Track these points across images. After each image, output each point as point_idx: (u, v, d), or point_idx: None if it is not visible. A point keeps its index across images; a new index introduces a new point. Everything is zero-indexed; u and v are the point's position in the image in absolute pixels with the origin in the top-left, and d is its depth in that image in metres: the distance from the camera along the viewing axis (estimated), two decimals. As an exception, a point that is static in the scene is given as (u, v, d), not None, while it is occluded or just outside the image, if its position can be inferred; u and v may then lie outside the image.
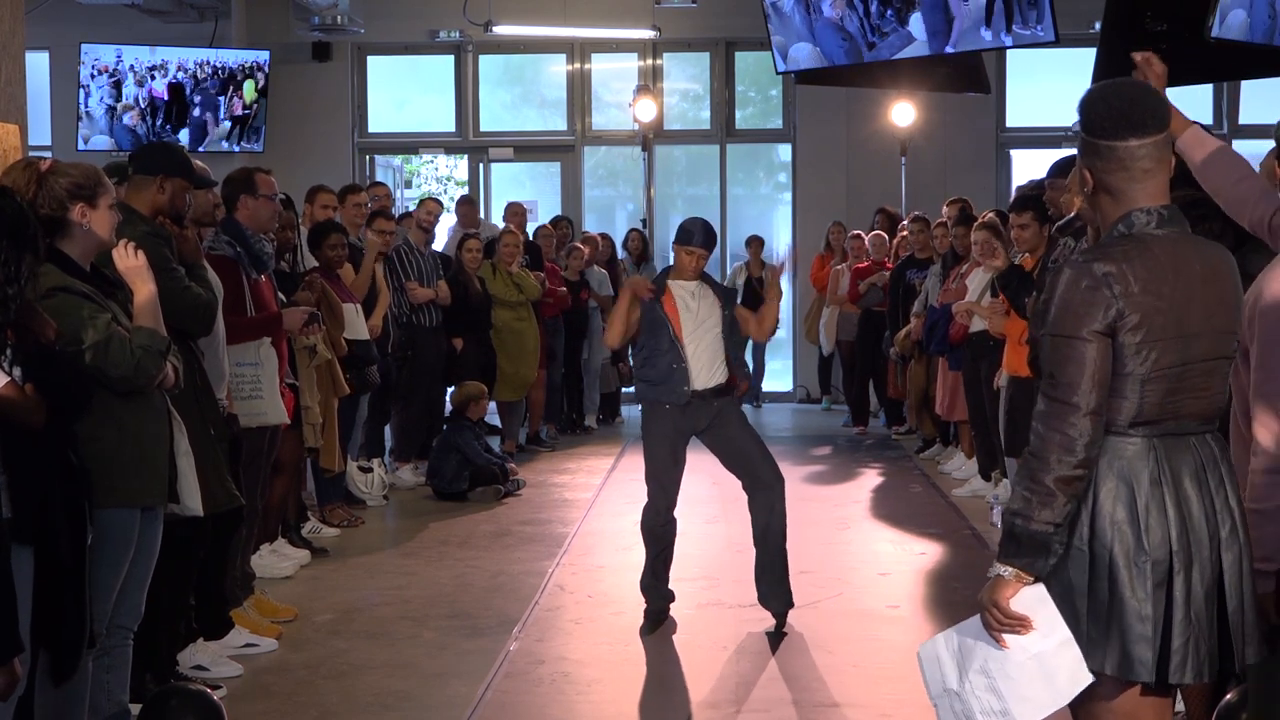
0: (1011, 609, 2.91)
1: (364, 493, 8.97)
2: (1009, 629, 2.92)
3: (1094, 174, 3.03)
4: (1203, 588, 2.93)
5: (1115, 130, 2.98)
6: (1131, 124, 2.97)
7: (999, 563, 2.93)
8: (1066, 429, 2.87)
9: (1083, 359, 2.88)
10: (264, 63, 14.11)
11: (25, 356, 3.57)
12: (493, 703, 5.29)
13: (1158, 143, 2.98)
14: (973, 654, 2.99)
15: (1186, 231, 3.06)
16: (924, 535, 8.21)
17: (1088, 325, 2.88)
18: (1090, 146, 3.02)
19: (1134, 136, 2.96)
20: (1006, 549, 2.92)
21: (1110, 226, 3.01)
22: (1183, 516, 2.93)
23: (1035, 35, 8.95)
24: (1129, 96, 3.02)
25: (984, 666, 2.97)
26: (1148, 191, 2.99)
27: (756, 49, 13.92)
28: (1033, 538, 2.89)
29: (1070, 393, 2.87)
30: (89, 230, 4.12)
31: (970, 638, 3.00)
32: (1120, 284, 2.88)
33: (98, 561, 4.01)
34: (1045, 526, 2.88)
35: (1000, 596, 2.92)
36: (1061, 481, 2.87)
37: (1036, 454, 2.89)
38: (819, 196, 14.73)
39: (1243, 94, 14.56)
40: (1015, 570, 2.91)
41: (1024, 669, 2.93)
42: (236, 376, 5.96)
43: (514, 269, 10.82)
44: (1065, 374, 2.89)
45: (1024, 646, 2.92)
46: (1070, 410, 2.87)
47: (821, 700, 5.34)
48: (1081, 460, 2.87)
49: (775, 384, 14.92)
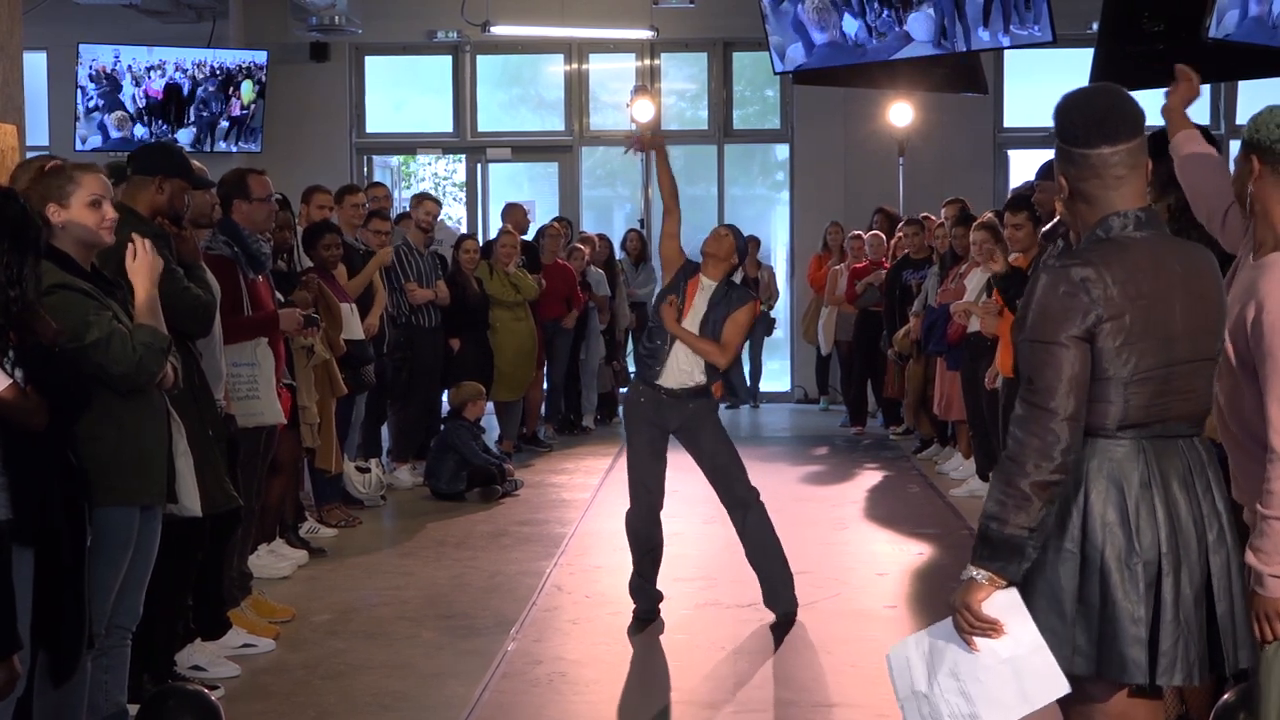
0: (984, 612, 2.91)
1: (361, 493, 8.96)
2: (980, 632, 2.92)
3: (1069, 181, 3.03)
4: (1191, 590, 2.93)
5: (1088, 138, 2.98)
6: (1104, 132, 2.97)
7: (972, 565, 2.93)
8: (1043, 434, 2.86)
9: (1060, 364, 2.87)
10: (262, 63, 14.10)
11: (26, 357, 3.56)
12: (490, 703, 5.29)
13: (1131, 149, 2.98)
14: (943, 656, 2.98)
15: (1165, 233, 3.06)
16: (922, 535, 8.21)
17: (1065, 330, 2.88)
18: (1065, 154, 3.02)
19: (1107, 144, 2.96)
20: (980, 552, 2.92)
21: (1088, 231, 3.01)
22: (1172, 519, 2.93)
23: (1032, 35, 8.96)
24: (1102, 104, 3.02)
25: (954, 669, 2.96)
26: (1123, 197, 2.99)
27: (754, 49, 13.92)
28: (1007, 542, 2.88)
29: (1048, 398, 2.87)
30: (70, 223, 4.10)
31: (941, 640, 2.99)
32: (1098, 288, 2.88)
33: (97, 561, 4.01)
34: (1020, 531, 2.87)
35: (972, 599, 2.91)
36: (1038, 486, 2.86)
37: (1013, 458, 2.89)
38: (817, 197, 14.73)
39: (1240, 94, 14.57)
40: (988, 574, 2.90)
41: (994, 673, 2.92)
42: (233, 377, 5.96)
43: (510, 269, 10.83)
44: (1043, 379, 2.88)
45: (995, 650, 2.91)
46: (1047, 415, 2.86)
47: (819, 700, 5.34)
48: (1058, 465, 2.86)
49: (773, 384, 14.92)
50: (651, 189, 15.04)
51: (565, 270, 11.81)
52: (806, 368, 14.48)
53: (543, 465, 10.78)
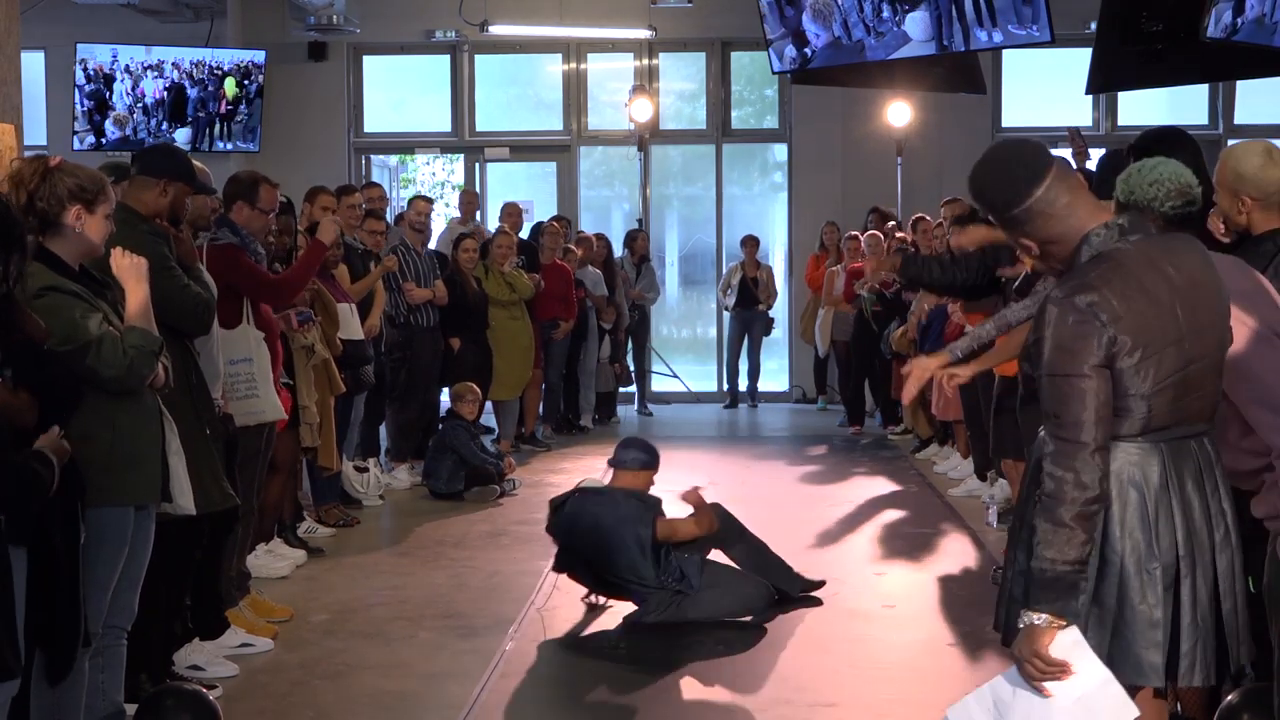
0: (1052, 656, 2.88)
1: (360, 493, 8.96)
2: (1051, 677, 2.89)
3: (1032, 238, 3.01)
4: (1205, 591, 2.94)
5: (1018, 192, 2.98)
6: (1026, 178, 2.97)
7: (1029, 611, 2.90)
8: (1079, 466, 2.86)
9: (1084, 395, 2.87)
10: (259, 62, 14.10)
11: (14, 357, 3.55)
12: (488, 703, 5.29)
13: (1056, 175, 2.98)
14: (1011, 709, 2.94)
15: (1149, 234, 3.05)
16: (920, 535, 8.21)
17: (1085, 361, 2.87)
18: (1014, 220, 3.01)
19: (1036, 185, 2.96)
20: (1036, 596, 2.89)
21: (1073, 257, 3.00)
22: (1188, 520, 2.93)
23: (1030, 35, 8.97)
24: (1004, 160, 3.03)
25: (1027, 718, 2.92)
26: (1081, 217, 2.99)
27: (752, 49, 13.93)
28: (1060, 580, 2.86)
29: (1078, 431, 2.86)
30: (81, 234, 4.11)
31: (1006, 693, 2.95)
32: (1106, 311, 2.88)
33: (92, 561, 4.00)
34: (1070, 567, 2.86)
35: (1039, 645, 2.88)
36: (1080, 519, 2.86)
37: (1053, 496, 2.88)
38: (815, 196, 14.73)
39: (1238, 93, 14.57)
40: (1048, 616, 2.88)
41: (1069, 714, 2.88)
42: (231, 376, 5.96)
43: (506, 269, 10.83)
44: (1069, 413, 2.87)
45: (1067, 692, 2.88)
46: (1080, 449, 2.86)
47: (817, 699, 5.34)
48: (1096, 495, 2.87)
49: (771, 384, 14.91)
50: (650, 189, 15.04)
51: (563, 270, 11.81)
52: (804, 368, 14.47)
53: (541, 465, 10.78)
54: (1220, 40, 8.26)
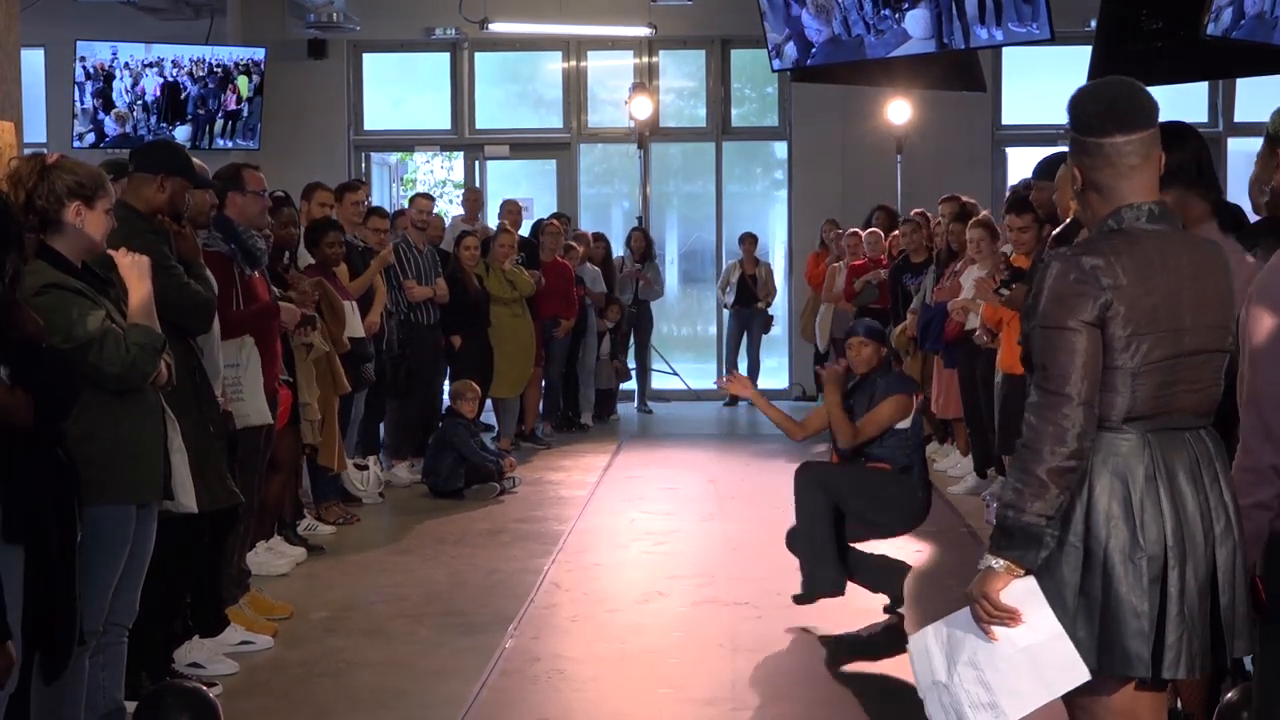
0: (1002, 601, 2.92)
1: (360, 490, 8.96)
2: (999, 621, 2.93)
3: (1083, 171, 3.05)
4: (1196, 583, 2.94)
5: (1102, 127, 3.00)
6: (1118, 120, 2.99)
7: (990, 554, 2.94)
8: (1059, 419, 2.88)
9: (1073, 349, 2.89)
10: (260, 60, 14.10)
11: (12, 355, 3.55)
12: (488, 700, 5.29)
13: (1144, 139, 3.00)
14: (961, 646, 2.98)
15: (1176, 227, 3.08)
16: (920, 533, 8.18)
17: (1077, 315, 2.90)
18: (1078, 144, 3.05)
19: (1120, 133, 2.99)
20: (998, 541, 2.93)
21: (1099, 222, 3.03)
22: (1177, 511, 2.94)
23: (1030, 33, 8.95)
24: (1116, 94, 3.04)
25: (972, 659, 2.96)
26: (1135, 188, 3.01)
27: (752, 46, 13.90)
28: (1025, 530, 2.89)
29: (1062, 383, 2.89)
30: (82, 230, 4.11)
31: (959, 629, 3.00)
32: (1108, 276, 2.90)
33: (93, 559, 4.00)
34: (1037, 519, 2.89)
35: (990, 589, 2.92)
36: (1054, 473, 2.87)
37: (1029, 445, 2.90)
38: (815, 194, 14.73)
39: (1238, 92, 14.57)
40: (1006, 563, 2.91)
41: (1013, 662, 2.93)
42: (224, 377, 5.93)
43: (506, 266, 10.83)
44: (1056, 364, 2.90)
45: (1013, 639, 2.92)
46: (1063, 401, 2.88)
47: (816, 698, 5.34)
48: (1074, 451, 2.88)
49: (771, 381, 14.89)
50: (649, 187, 15.04)
51: (564, 268, 11.81)
52: (804, 365, 14.47)
53: (541, 463, 10.78)
54: (1220, 38, 8.26)
